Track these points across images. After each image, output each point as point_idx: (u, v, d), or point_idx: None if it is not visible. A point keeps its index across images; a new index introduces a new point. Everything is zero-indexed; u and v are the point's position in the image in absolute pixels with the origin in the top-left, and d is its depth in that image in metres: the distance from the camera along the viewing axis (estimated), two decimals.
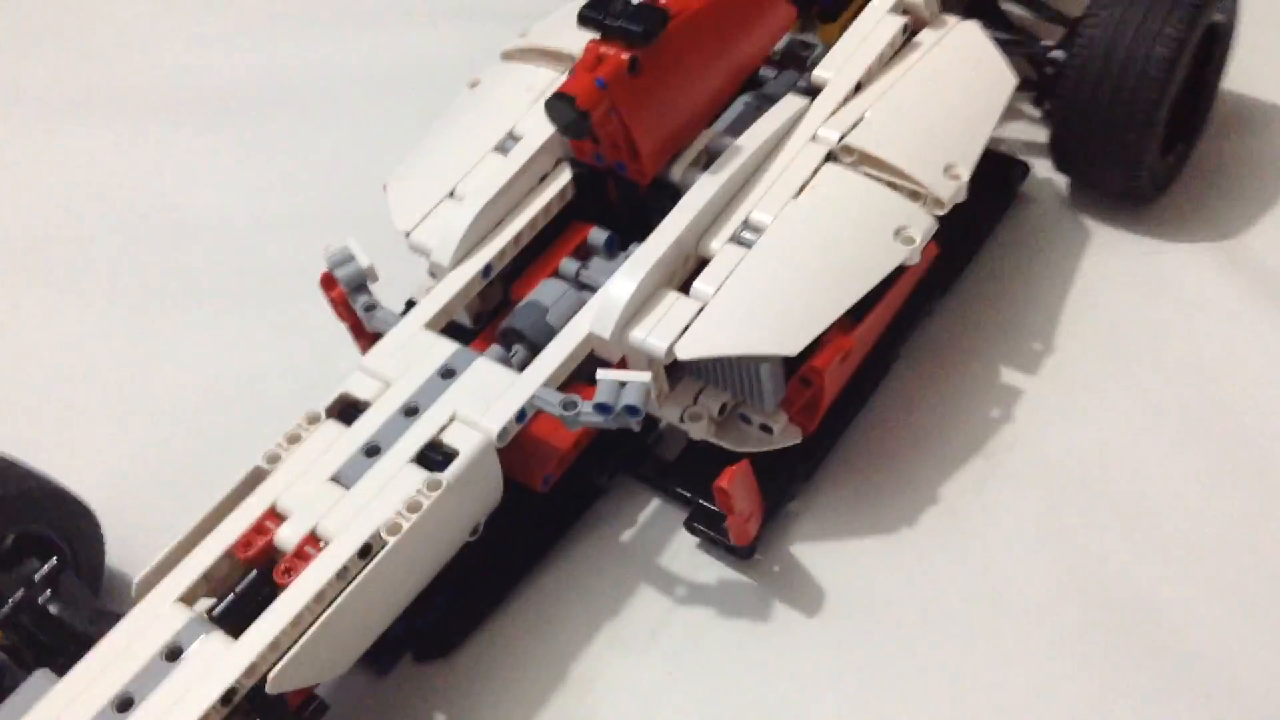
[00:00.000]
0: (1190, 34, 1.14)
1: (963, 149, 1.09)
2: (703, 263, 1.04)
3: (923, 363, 1.17)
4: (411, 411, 0.99)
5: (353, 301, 1.09)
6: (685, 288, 1.02)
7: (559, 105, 1.00)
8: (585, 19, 1.01)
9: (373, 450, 0.97)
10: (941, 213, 1.06)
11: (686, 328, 0.99)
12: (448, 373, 1.01)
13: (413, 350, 1.03)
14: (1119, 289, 1.20)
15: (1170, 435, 1.09)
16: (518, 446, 1.03)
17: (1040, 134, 1.29)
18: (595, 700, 1.01)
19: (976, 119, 1.11)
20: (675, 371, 1.05)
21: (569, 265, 1.11)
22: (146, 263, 1.42)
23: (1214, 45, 1.24)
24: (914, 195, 1.06)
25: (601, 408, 0.94)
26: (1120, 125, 1.15)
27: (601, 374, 0.96)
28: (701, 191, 1.05)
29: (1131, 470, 1.07)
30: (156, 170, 1.53)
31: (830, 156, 1.08)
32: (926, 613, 1.02)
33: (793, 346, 0.98)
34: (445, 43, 1.61)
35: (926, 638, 1.01)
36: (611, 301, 1.00)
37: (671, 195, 1.07)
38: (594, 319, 1.01)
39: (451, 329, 1.15)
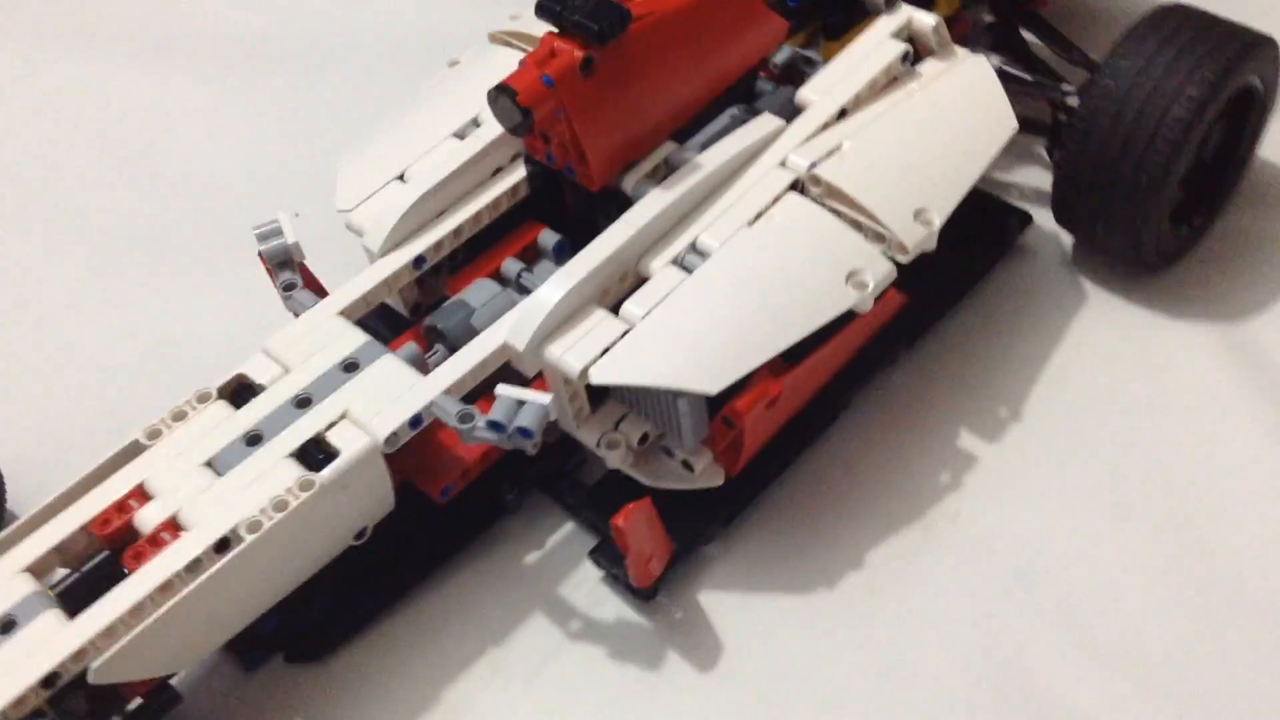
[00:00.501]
0: (1215, 96, 1.04)
1: (941, 193, 1.00)
2: (642, 282, 0.97)
3: (877, 414, 1.09)
4: (304, 403, 0.93)
5: (275, 279, 1.04)
6: (619, 307, 0.95)
7: (500, 99, 0.94)
8: (542, 8, 0.95)
9: (254, 439, 0.92)
10: (905, 259, 0.98)
11: (607, 350, 0.93)
12: (350, 366, 0.95)
13: (320, 338, 0.98)
14: (1105, 363, 1.10)
15: (1125, 539, 0.99)
16: (420, 453, 0.97)
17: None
18: None
19: (963, 162, 1.03)
20: (600, 394, 0.99)
21: (511, 266, 1.04)
22: (115, 208, 1.38)
23: (1249, 111, 1.13)
24: (878, 238, 0.98)
25: (494, 425, 0.88)
26: (1125, 188, 1.05)
27: (500, 389, 0.90)
28: (648, 207, 0.98)
29: (1074, 567, 0.98)
30: (143, 114, 1.49)
31: (797, 185, 1.00)
32: (826, 687, 0.94)
33: (713, 385, 0.91)
34: (463, 11, 1.55)
35: (821, 714, 0.93)
36: (531, 311, 0.94)
37: (622, 205, 1.00)
38: (511, 328, 0.94)
39: (391, 318, 1.10)
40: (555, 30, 0.95)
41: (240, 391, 0.96)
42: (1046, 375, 1.10)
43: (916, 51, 1.10)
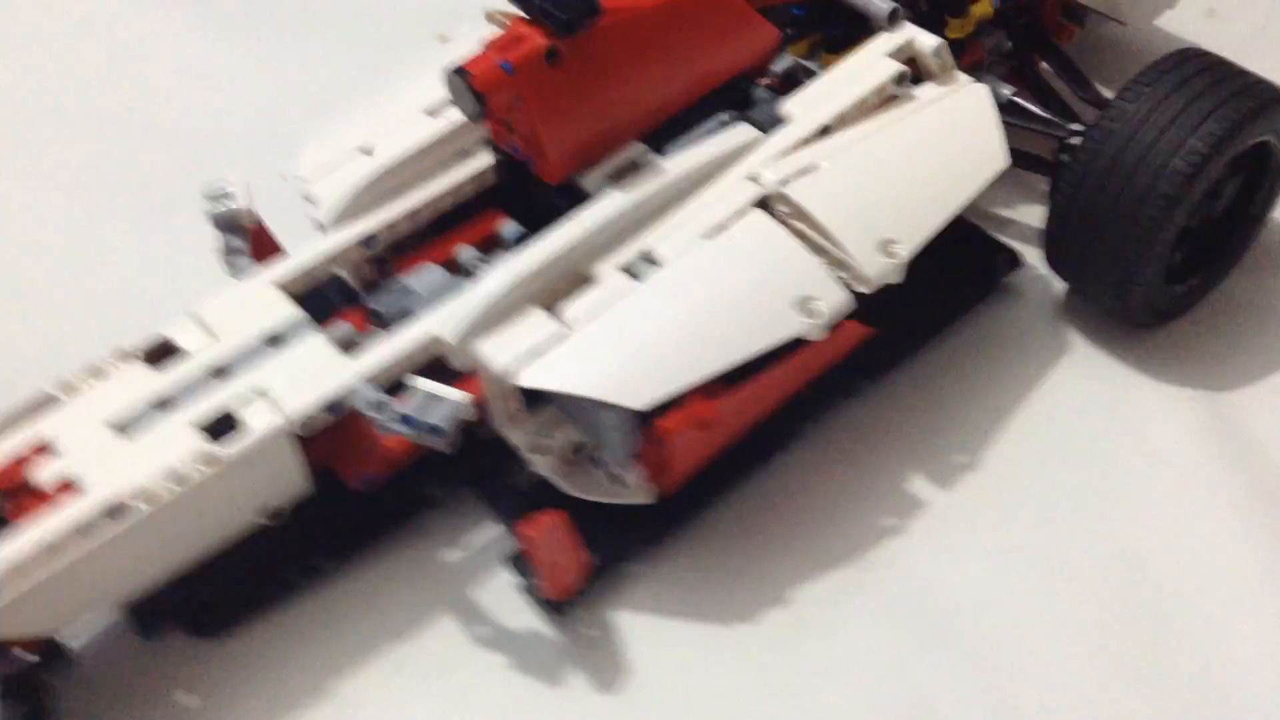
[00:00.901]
0: (1221, 152, 0.97)
1: (914, 225, 0.95)
2: (588, 285, 0.93)
3: (830, 448, 1.04)
4: (222, 373, 0.90)
5: (223, 243, 1.01)
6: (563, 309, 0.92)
7: (456, 81, 0.90)
8: None
9: (165, 405, 0.89)
10: (865, 290, 0.93)
11: (541, 352, 0.89)
12: (276, 341, 0.92)
13: (251, 308, 0.94)
14: (1077, 419, 1.05)
15: (1062, 605, 0.94)
16: (344, 438, 0.94)
17: None
18: None
19: (944, 195, 0.98)
20: (537, 396, 0.95)
21: (466, 254, 1.01)
22: (92, 150, 1.36)
23: (1264, 170, 1.07)
24: (841, 265, 0.93)
25: (407, 420, 0.85)
26: (1115, 239, 1.00)
27: (416, 382, 0.86)
28: (603, 208, 0.94)
29: (1002, 628, 0.93)
30: (137, 57, 1.47)
31: (764, 202, 0.96)
32: None
33: (640, 401, 0.86)
34: None
35: None
36: (466, 303, 0.90)
37: (580, 203, 0.96)
38: (444, 318, 0.91)
39: (345, 291, 1.07)
40: (524, 16, 0.92)
41: (161, 354, 0.93)
42: (1014, 425, 1.05)
43: (916, 73, 1.05)
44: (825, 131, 0.99)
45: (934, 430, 1.05)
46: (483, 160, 1.04)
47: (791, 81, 1.09)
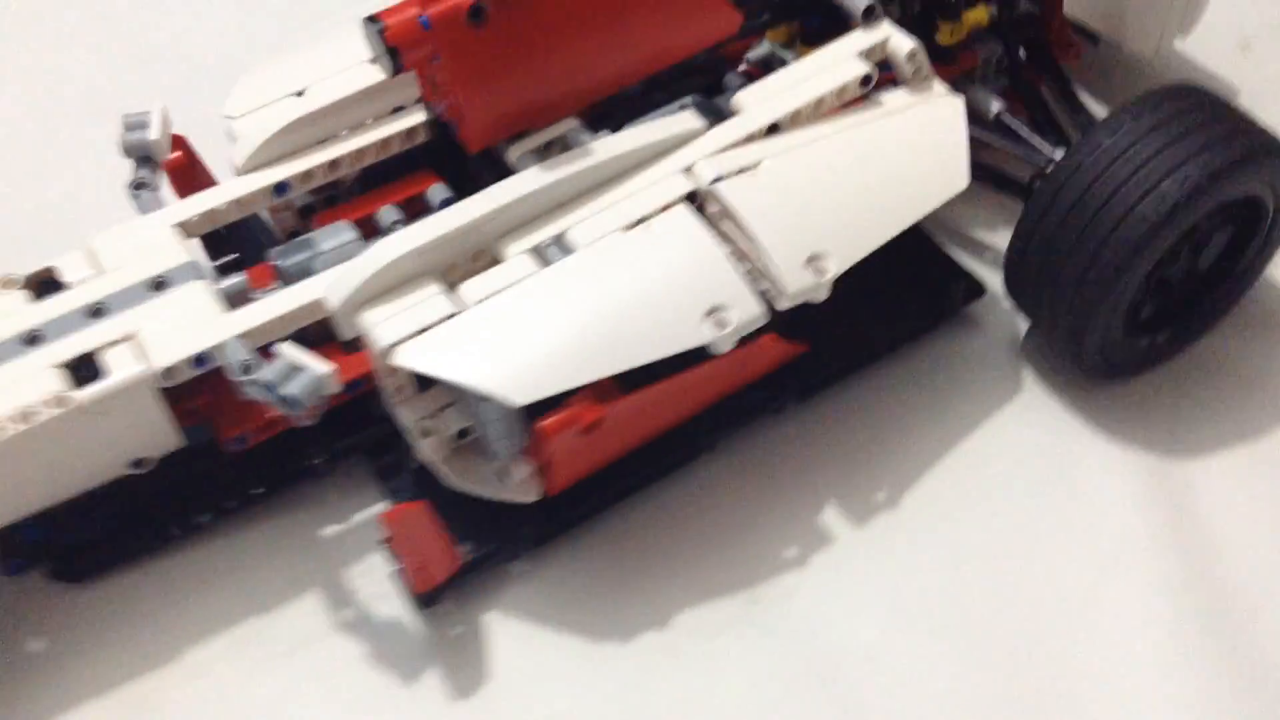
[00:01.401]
0: (1198, 199, 0.89)
1: (849, 241, 0.88)
2: (495, 265, 0.88)
3: (745, 466, 0.98)
4: (97, 313, 0.86)
5: (133, 173, 0.97)
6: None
7: (370, 29, 0.84)
8: None
9: (33, 339, 0.85)
10: (783, 306, 0.86)
11: (425, 330, 0.83)
12: (160, 285, 0.88)
13: (144, 247, 0.90)
14: (1013, 468, 0.97)
15: (957, 663, 0.87)
16: (224, 394, 0.90)
17: None
18: (194, 693, 0.88)
19: (889, 212, 0.91)
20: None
21: (387, 215, 0.95)
22: (70, 66, 1.33)
23: (1253, 223, 0.98)
24: (762, 274, 0.87)
25: (266, 386, 0.80)
26: (1073, 280, 0.92)
27: (281, 348, 0.81)
28: (520, 184, 0.88)
29: (884, 679, 0.87)
30: None
31: (694, 197, 0.89)
32: None
33: (519, 395, 0.81)
34: None
35: None
36: (354, 269, 0.85)
37: (501, 176, 0.90)
38: (331, 283, 0.86)
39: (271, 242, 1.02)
40: None
41: (45, 285, 0.89)
42: (943, 466, 0.98)
43: (891, 77, 0.98)
44: (775, 129, 0.93)
45: (858, 462, 0.98)
46: (417, 116, 0.98)
47: (768, 71, 1.02)
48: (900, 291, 1.04)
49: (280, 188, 0.95)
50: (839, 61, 0.96)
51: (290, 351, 0.81)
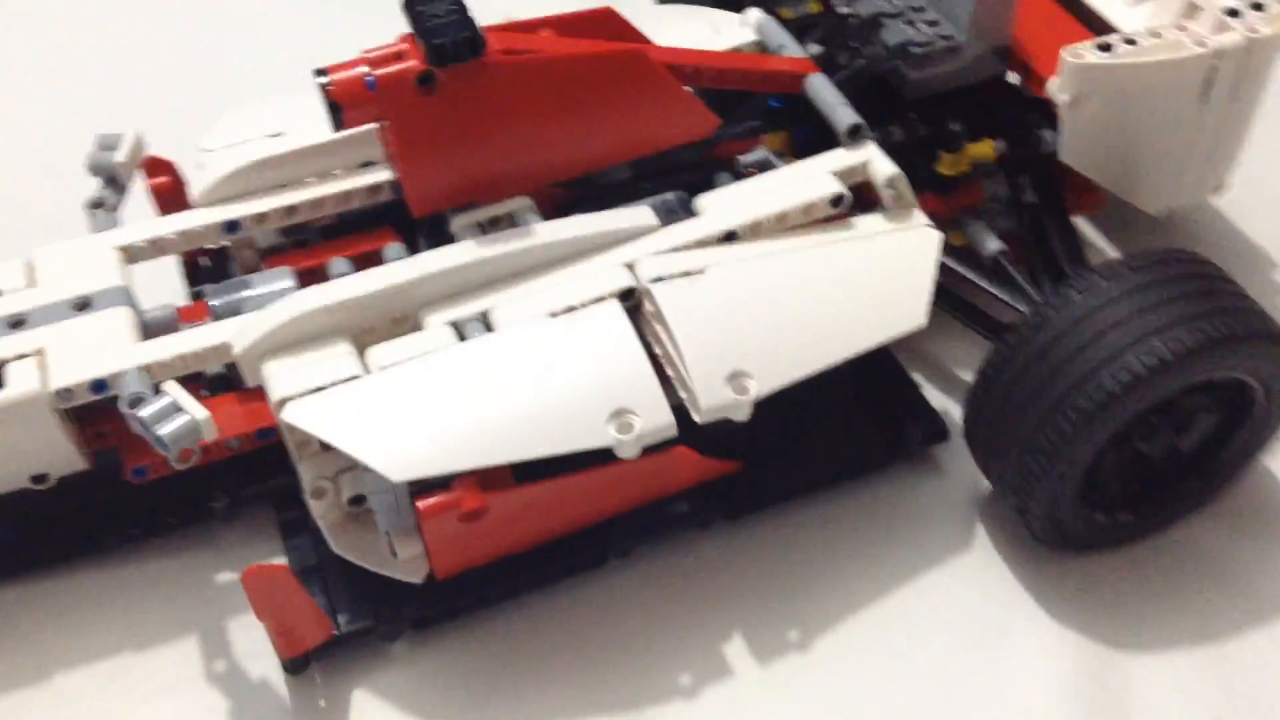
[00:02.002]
0: (1164, 375, 0.82)
1: (780, 363, 0.84)
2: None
3: (659, 579, 0.93)
4: (16, 324, 0.86)
5: (97, 191, 0.97)
6: None
7: (317, 82, 0.84)
8: (408, 3, 0.84)
9: None
10: (699, 419, 0.82)
11: (321, 389, 0.81)
12: (83, 305, 0.87)
13: (82, 266, 0.90)
14: (939, 631, 0.90)
15: None
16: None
17: None
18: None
19: (830, 340, 0.86)
20: None
21: (337, 266, 0.94)
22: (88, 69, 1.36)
23: (1242, 408, 0.91)
24: (681, 384, 0.83)
25: (143, 422, 0.79)
26: (1022, 440, 0.86)
27: (166, 387, 0.80)
28: (452, 255, 0.86)
29: None
30: None
31: (630, 294, 0.86)
32: None
33: (397, 471, 0.78)
34: None
35: None
36: (263, 318, 0.83)
37: (441, 243, 0.88)
38: (239, 328, 0.84)
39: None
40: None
41: None
42: (867, 616, 0.91)
43: (873, 199, 0.93)
44: (732, 237, 0.89)
45: (778, 594, 0.92)
46: (382, 175, 0.97)
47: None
48: (857, 421, 0.99)
49: (231, 225, 0.95)
50: (813, 177, 0.92)
51: (174, 391, 0.79)
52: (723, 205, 0.91)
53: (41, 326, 0.86)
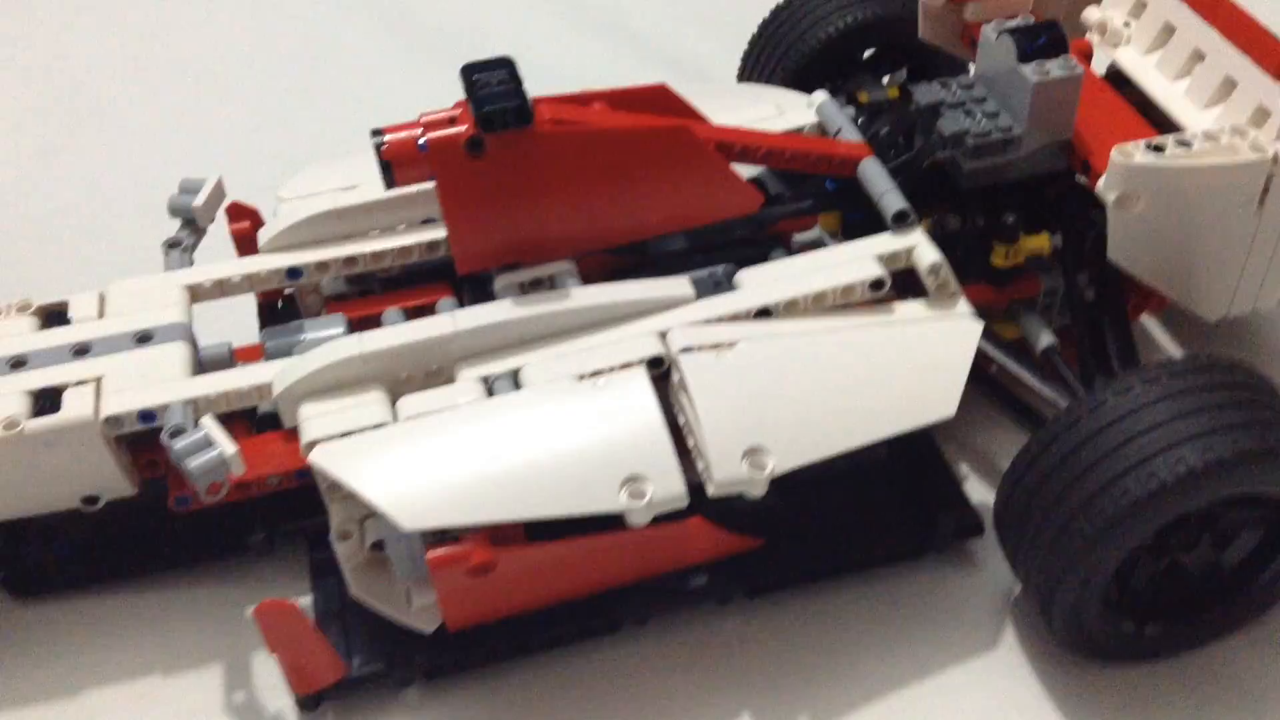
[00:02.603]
0: (1194, 486, 0.79)
1: (799, 443, 0.83)
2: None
3: (672, 651, 0.93)
4: (80, 352, 0.91)
5: (176, 231, 1.03)
6: None
7: (374, 141, 0.87)
8: (464, 70, 0.87)
9: (17, 364, 0.91)
10: (712, 492, 0.82)
11: (349, 433, 0.84)
12: (144, 338, 0.92)
13: (148, 301, 0.95)
14: None
15: None
16: None
17: None
18: None
19: (857, 424, 0.85)
20: None
21: (390, 317, 0.97)
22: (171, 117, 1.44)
23: None
24: (699, 455, 0.83)
25: (176, 455, 0.82)
26: (1046, 541, 0.84)
27: (204, 421, 0.84)
28: (487, 314, 0.88)
29: None
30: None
31: (659, 362, 0.87)
32: None
33: (408, 519, 0.80)
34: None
35: None
36: (301, 361, 0.87)
37: (484, 300, 0.91)
38: (280, 369, 0.88)
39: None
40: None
41: (52, 317, 0.96)
42: (883, 710, 0.89)
43: (918, 286, 0.93)
44: (766, 313, 0.90)
45: (794, 678, 0.91)
46: (439, 232, 1.00)
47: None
48: (891, 507, 0.98)
49: (294, 272, 0.99)
50: (856, 260, 0.92)
51: (208, 426, 0.83)
52: (762, 281, 0.92)
53: (103, 356, 0.91)
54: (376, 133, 0.87)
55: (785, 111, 1.07)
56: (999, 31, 0.97)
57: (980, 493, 1.02)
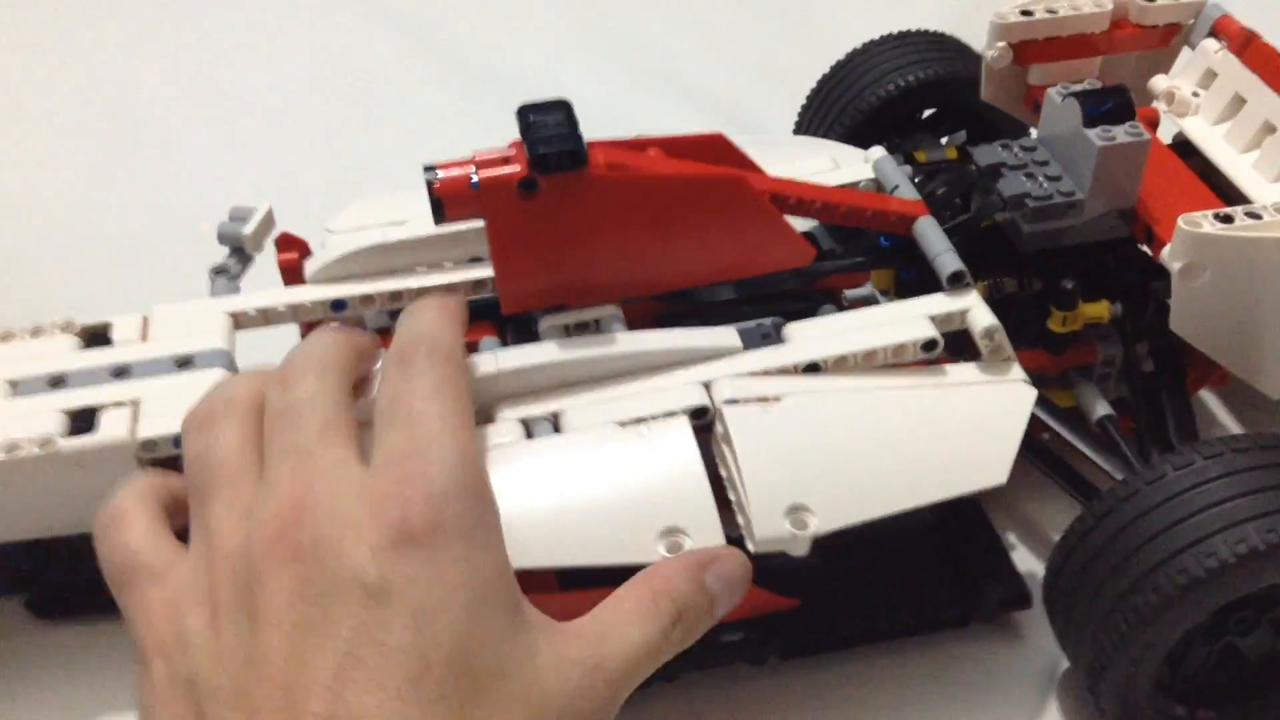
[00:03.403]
0: (1253, 568, 0.76)
1: (844, 504, 0.81)
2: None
3: (702, 710, 0.91)
4: (120, 374, 0.91)
5: (224, 258, 1.02)
6: None
7: (427, 176, 0.87)
8: (521, 110, 0.86)
9: (57, 382, 0.90)
10: (752, 549, 0.80)
11: None
12: (185, 363, 0.91)
13: (192, 326, 0.95)
14: None
15: None
16: None
17: None
18: None
19: (904, 487, 0.82)
20: None
21: None
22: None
23: None
24: (740, 510, 0.81)
25: None
26: (1096, 617, 0.81)
27: None
28: (531, 355, 0.87)
29: None
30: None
31: (705, 413, 0.85)
32: None
33: None
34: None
35: None
36: None
37: (526, 341, 0.90)
38: None
39: None
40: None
41: (94, 337, 0.95)
42: None
43: (972, 348, 0.91)
44: (815, 368, 0.88)
45: None
46: (486, 271, 0.99)
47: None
48: (935, 574, 0.96)
49: (338, 304, 0.98)
50: (909, 319, 0.90)
51: None
52: (811, 336, 0.90)
53: (142, 379, 0.90)
54: (429, 168, 0.86)
55: (841, 166, 1.06)
56: (1065, 94, 0.96)
57: (1028, 563, 0.99)
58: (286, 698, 0.56)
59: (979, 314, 0.90)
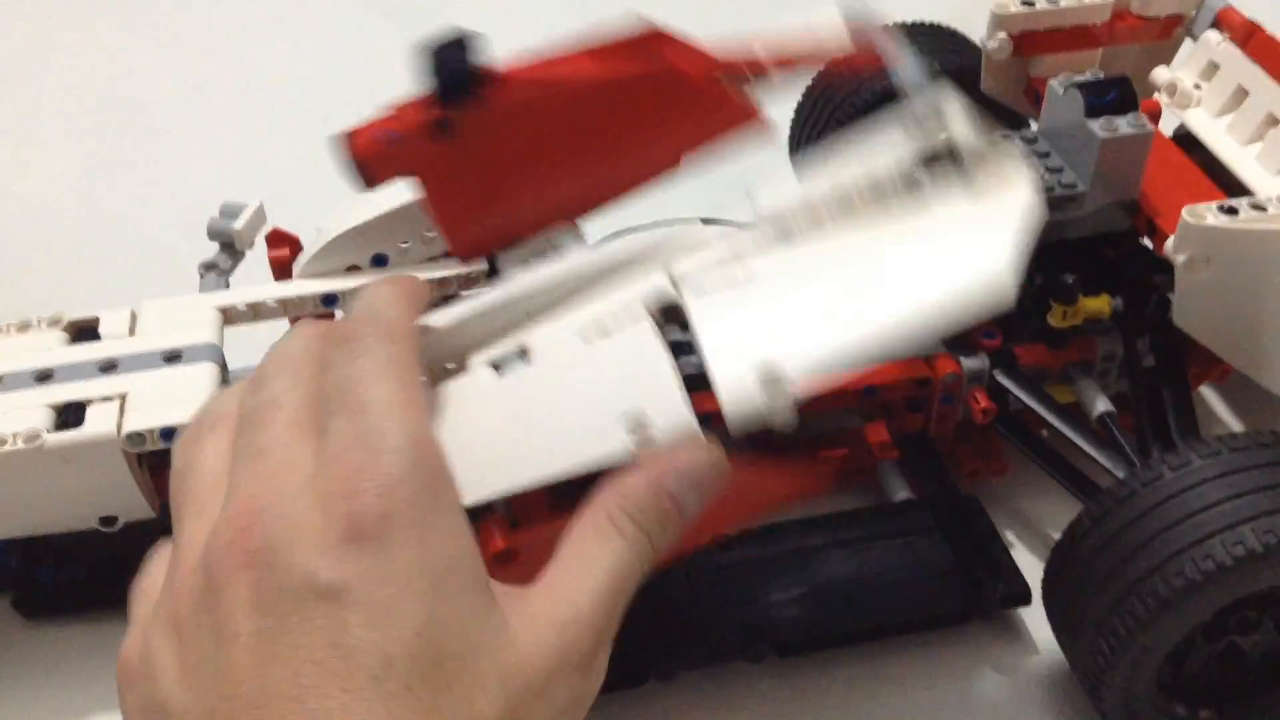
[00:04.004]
0: (1251, 568, 0.75)
1: (823, 356, 0.71)
2: None
3: (698, 709, 0.89)
4: (107, 368, 0.90)
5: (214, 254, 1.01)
6: None
7: (337, 144, 0.83)
8: (422, 50, 0.81)
9: (44, 377, 0.89)
10: (735, 431, 0.72)
11: None
12: (173, 357, 0.90)
13: (180, 321, 0.94)
14: None
15: None
16: None
17: None
18: None
19: (883, 326, 0.71)
20: None
21: None
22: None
23: None
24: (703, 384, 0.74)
25: None
26: (1096, 619, 0.79)
27: None
28: (483, 298, 0.80)
29: None
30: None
31: (662, 305, 0.78)
32: None
33: None
34: None
35: None
36: None
37: None
38: None
39: None
40: None
41: (82, 332, 0.94)
42: None
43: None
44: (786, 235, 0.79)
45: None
46: (478, 265, 0.98)
47: None
48: (934, 572, 0.93)
49: (328, 299, 0.97)
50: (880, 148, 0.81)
51: None
52: (788, 202, 0.81)
53: (130, 373, 0.89)
54: (340, 136, 0.83)
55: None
56: (1067, 85, 0.95)
57: (1029, 560, 0.98)
58: (252, 713, 0.55)
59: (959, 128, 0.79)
